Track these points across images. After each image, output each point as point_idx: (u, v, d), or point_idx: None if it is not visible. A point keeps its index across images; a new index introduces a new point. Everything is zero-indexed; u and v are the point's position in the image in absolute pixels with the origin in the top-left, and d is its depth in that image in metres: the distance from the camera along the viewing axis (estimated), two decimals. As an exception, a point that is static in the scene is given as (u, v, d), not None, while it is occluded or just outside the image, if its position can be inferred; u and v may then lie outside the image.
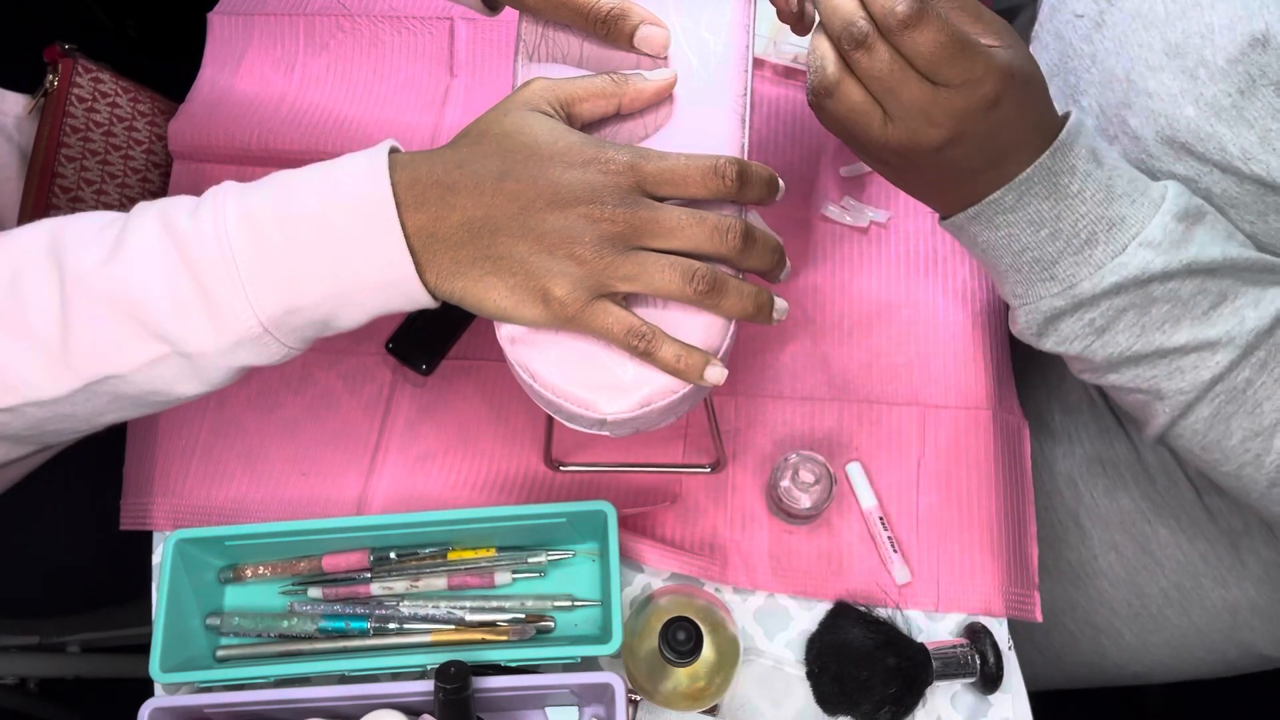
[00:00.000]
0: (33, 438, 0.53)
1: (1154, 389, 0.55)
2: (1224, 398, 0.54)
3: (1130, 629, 0.79)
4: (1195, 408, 0.55)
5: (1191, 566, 0.75)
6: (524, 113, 0.50)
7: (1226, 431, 0.55)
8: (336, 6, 0.86)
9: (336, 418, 0.73)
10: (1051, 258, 0.52)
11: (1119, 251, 0.51)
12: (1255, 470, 0.56)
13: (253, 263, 0.47)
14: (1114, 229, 0.51)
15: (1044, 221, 0.51)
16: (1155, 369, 0.54)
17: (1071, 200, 0.51)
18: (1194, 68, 0.55)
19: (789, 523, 0.69)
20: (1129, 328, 0.53)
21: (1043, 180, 0.50)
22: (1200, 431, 0.56)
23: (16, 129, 0.79)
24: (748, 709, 0.65)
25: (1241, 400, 0.54)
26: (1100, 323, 0.53)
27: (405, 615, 0.66)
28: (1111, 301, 0.52)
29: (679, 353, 0.49)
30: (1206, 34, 0.54)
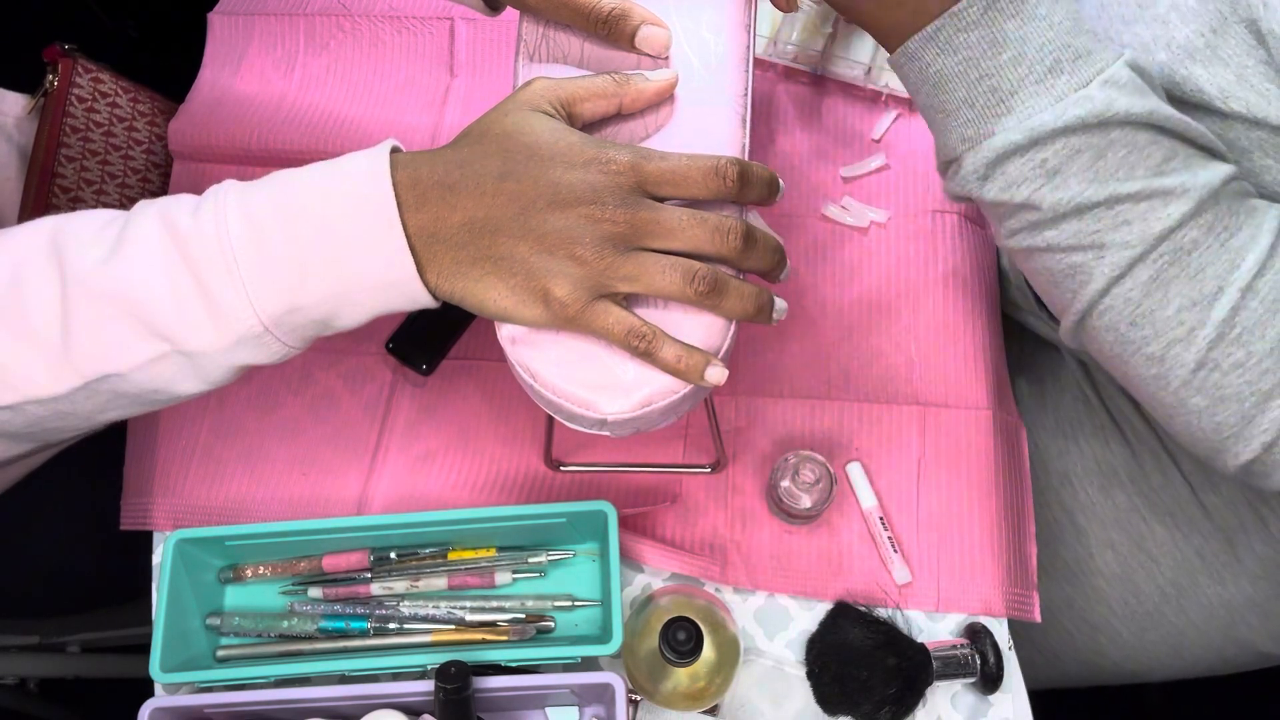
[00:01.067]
0: (32, 436, 0.53)
1: (1097, 242, 0.51)
2: (1168, 258, 0.50)
3: (1127, 627, 0.79)
4: (1136, 267, 0.51)
5: (1188, 564, 0.75)
6: (525, 113, 0.50)
7: (1164, 299, 0.51)
8: (336, 6, 0.86)
9: (337, 418, 0.73)
10: (1011, 86, 0.49)
11: (1083, 84, 0.48)
12: (1184, 349, 0.52)
13: (253, 262, 0.47)
14: (1079, 60, 0.49)
15: (1007, 43, 0.49)
16: (1101, 220, 0.50)
17: (1038, 22, 0.48)
18: (1165, 13, 0.54)
19: (789, 523, 0.69)
20: (1082, 171, 0.50)
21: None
22: (1134, 300, 0.52)
23: (16, 129, 0.79)
24: (748, 709, 0.65)
25: (1185, 263, 0.50)
26: (1053, 163, 0.50)
27: (405, 615, 0.66)
28: (1068, 140, 0.49)
29: (679, 353, 0.49)
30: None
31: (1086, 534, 0.78)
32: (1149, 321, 0.52)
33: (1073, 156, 0.49)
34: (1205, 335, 0.51)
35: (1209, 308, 0.50)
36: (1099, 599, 0.79)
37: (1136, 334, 0.53)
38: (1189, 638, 0.78)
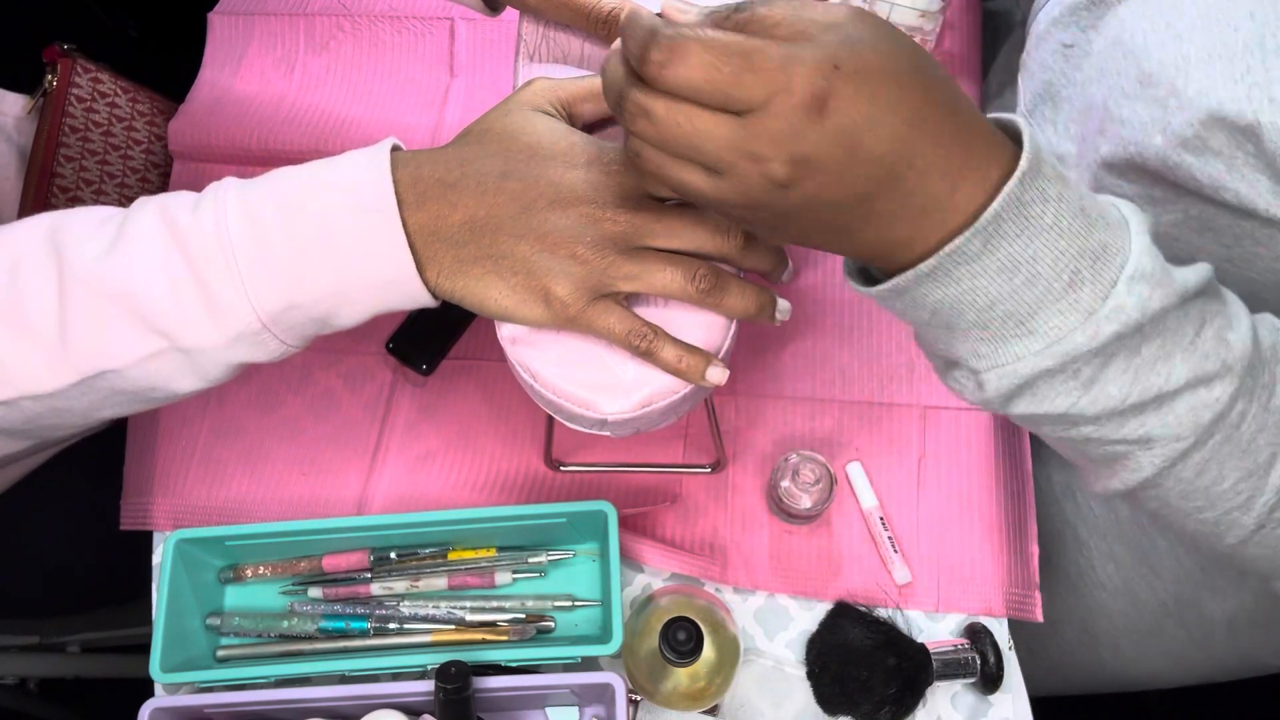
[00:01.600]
0: (29, 433, 0.53)
1: (1144, 438, 0.46)
2: (1220, 438, 0.46)
3: (1129, 639, 0.79)
4: (1189, 454, 0.46)
5: (1190, 577, 0.74)
6: (526, 112, 0.50)
7: (1219, 476, 0.47)
8: (336, 6, 0.86)
9: (337, 417, 0.73)
10: (1029, 308, 0.42)
11: (1109, 289, 0.42)
12: (1243, 514, 0.49)
13: (253, 259, 0.47)
14: (1099, 261, 0.42)
15: (1018, 266, 0.41)
16: (1144, 416, 0.45)
17: (1047, 234, 0.41)
18: (1165, 97, 0.51)
19: (789, 523, 0.69)
20: (1120, 374, 0.44)
21: (1013, 215, 0.40)
22: (1188, 480, 0.47)
23: (16, 129, 0.79)
24: (748, 709, 0.65)
25: (1237, 439, 0.46)
26: (1088, 374, 0.44)
27: (405, 615, 0.65)
28: (1104, 349, 0.43)
29: (680, 353, 0.49)
30: (1181, 64, 0.51)
31: (1088, 546, 0.77)
32: (1203, 495, 0.48)
33: (1108, 362, 0.43)
34: (1266, 500, 0.48)
35: (1266, 475, 0.47)
36: (1101, 611, 0.78)
37: (1189, 505, 0.49)
38: (1190, 650, 0.78)
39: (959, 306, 0.43)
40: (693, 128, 0.38)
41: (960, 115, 0.40)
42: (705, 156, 0.39)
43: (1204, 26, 0.51)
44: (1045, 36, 0.63)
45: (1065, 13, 0.60)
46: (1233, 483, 0.47)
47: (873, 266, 0.45)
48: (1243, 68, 0.48)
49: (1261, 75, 0.48)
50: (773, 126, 0.38)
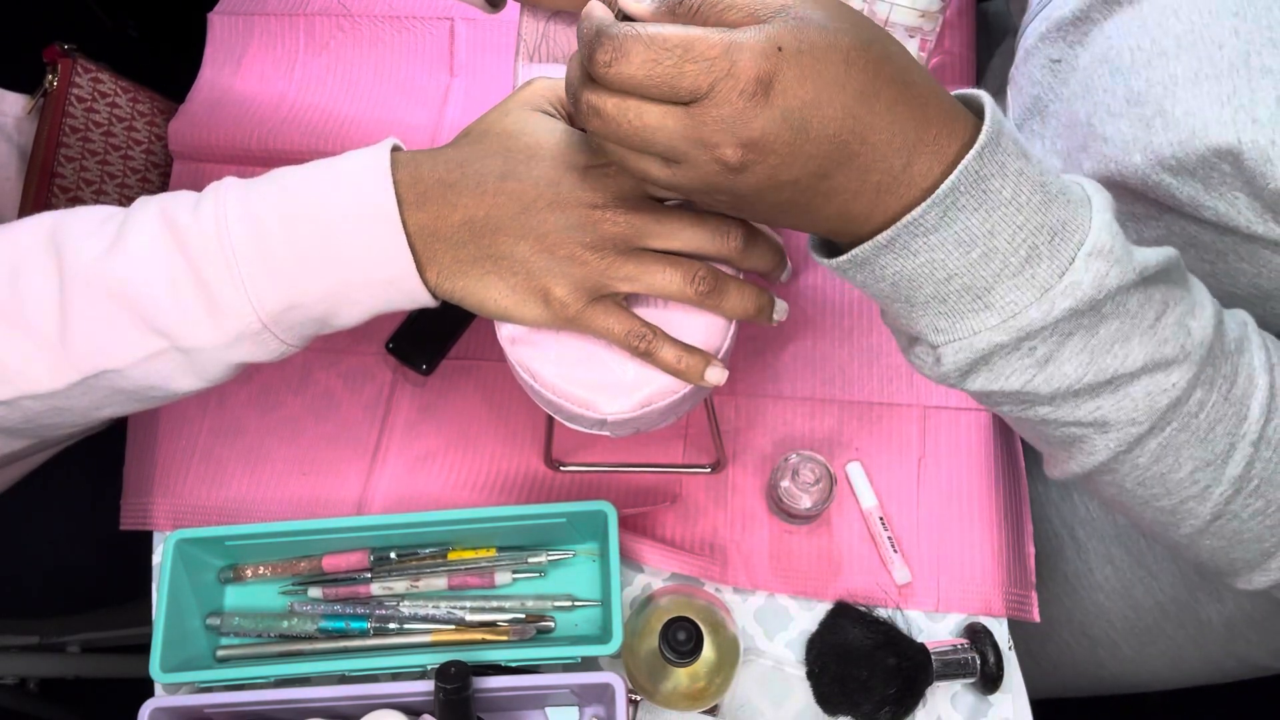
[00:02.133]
0: (29, 431, 0.53)
1: (1099, 421, 0.46)
2: (1176, 425, 0.46)
3: (1127, 641, 0.79)
4: (1144, 440, 0.46)
5: (1187, 580, 0.74)
6: (525, 112, 0.50)
7: (1175, 463, 0.47)
8: (336, 6, 0.86)
9: (337, 418, 0.73)
10: (986, 283, 0.42)
11: (1066, 265, 0.41)
12: (1198, 504, 0.49)
13: (253, 258, 0.47)
14: (1057, 238, 0.41)
15: (975, 239, 0.41)
16: (1101, 398, 0.45)
17: (1005, 209, 0.41)
18: (1151, 117, 0.51)
19: (789, 523, 0.69)
20: (1076, 354, 0.44)
21: (970, 188, 0.40)
22: (1144, 466, 0.47)
23: (16, 129, 0.79)
24: (748, 709, 0.65)
25: (1194, 426, 0.46)
26: (1044, 352, 0.43)
27: (405, 615, 0.65)
28: (1059, 327, 0.43)
29: (680, 353, 0.49)
30: (1169, 84, 0.51)
31: (1086, 548, 0.77)
32: (1159, 483, 0.48)
33: (1064, 340, 0.43)
34: (1221, 491, 0.48)
35: (1223, 466, 0.47)
36: (1099, 613, 0.78)
37: (1145, 492, 0.49)
38: (1188, 652, 0.78)
39: (917, 279, 0.43)
40: (642, 123, 0.40)
41: (914, 89, 0.40)
42: (658, 149, 0.40)
43: (1190, 45, 0.51)
44: (1034, 51, 0.63)
45: (1052, 28, 0.60)
46: (1189, 471, 0.47)
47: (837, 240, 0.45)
48: (1229, 88, 0.48)
49: (1247, 97, 0.48)
50: (719, 113, 0.38)
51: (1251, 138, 0.47)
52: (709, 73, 0.38)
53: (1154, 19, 0.53)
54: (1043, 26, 0.61)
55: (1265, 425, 0.47)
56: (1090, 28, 0.57)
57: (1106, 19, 0.56)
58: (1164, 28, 0.52)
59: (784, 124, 0.38)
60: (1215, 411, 0.46)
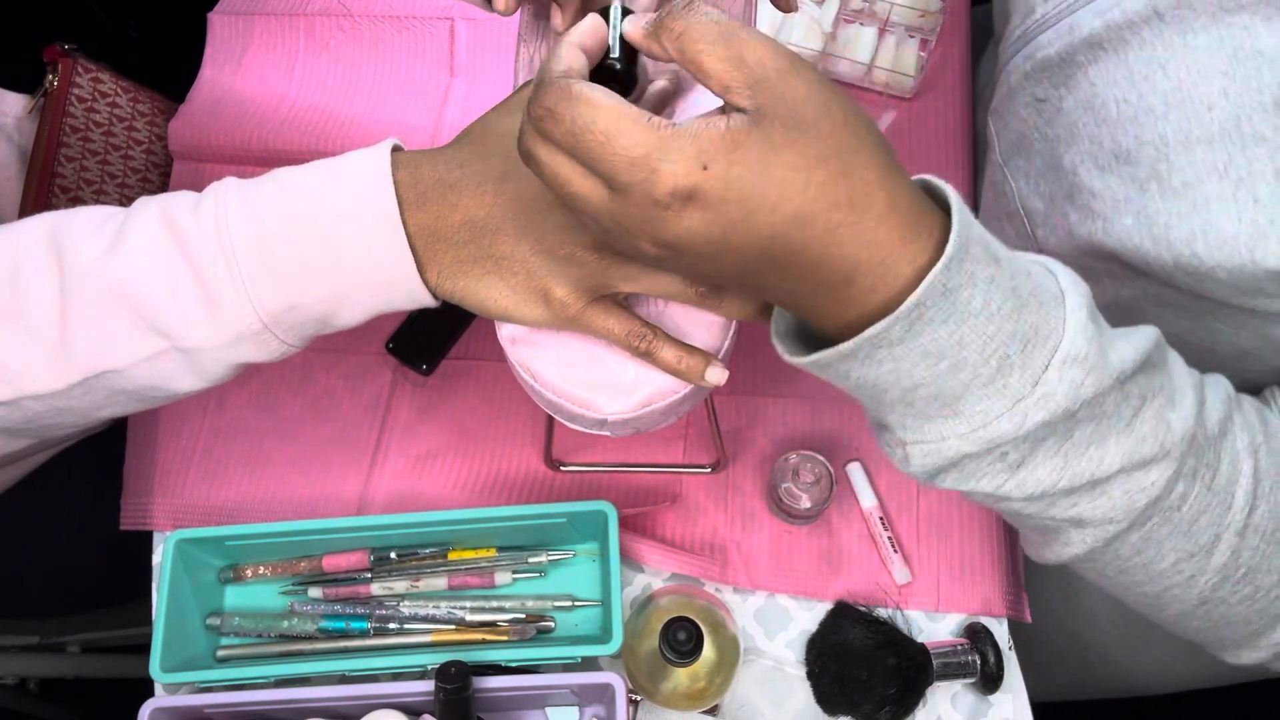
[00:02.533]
0: (30, 431, 0.53)
1: (1074, 519, 0.44)
2: (1157, 520, 0.44)
3: (1119, 647, 0.78)
4: (1124, 536, 0.45)
5: None
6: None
7: (1158, 555, 0.46)
8: (336, 6, 0.86)
9: (337, 418, 0.73)
10: (955, 393, 0.40)
11: (1039, 374, 0.39)
12: (1184, 591, 0.47)
13: (253, 259, 0.47)
14: (1029, 345, 0.39)
15: (943, 351, 0.38)
16: (1077, 498, 0.43)
17: (975, 319, 0.38)
18: (1145, 180, 0.50)
19: (789, 523, 0.69)
20: (1050, 458, 0.42)
21: (938, 301, 0.37)
22: (1125, 557, 0.46)
23: (16, 129, 0.79)
24: (748, 709, 0.65)
25: (1176, 520, 0.45)
26: (1015, 458, 0.42)
27: (405, 615, 0.65)
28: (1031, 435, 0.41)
29: (680, 353, 0.49)
30: (1160, 145, 0.50)
31: None
32: (1142, 571, 0.47)
33: (1037, 446, 0.41)
34: (1208, 580, 0.47)
35: (1208, 556, 0.46)
36: (1090, 619, 0.78)
37: (1128, 579, 0.48)
38: (1179, 658, 0.77)
39: (882, 385, 0.41)
40: (570, 189, 0.38)
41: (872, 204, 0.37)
42: (582, 215, 0.39)
43: (1178, 104, 0.50)
44: (1018, 89, 0.62)
45: (1036, 68, 0.60)
46: (1172, 562, 0.46)
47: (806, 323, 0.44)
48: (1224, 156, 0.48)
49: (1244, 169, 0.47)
50: (635, 212, 0.37)
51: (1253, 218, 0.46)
52: (627, 170, 0.36)
53: (1141, 72, 0.52)
54: (1026, 65, 0.61)
55: (1250, 514, 0.45)
56: (1075, 71, 0.57)
57: (1091, 64, 0.55)
58: (1151, 83, 0.51)
59: (700, 237, 0.37)
60: (1199, 503, 0.44)
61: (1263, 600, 0.47)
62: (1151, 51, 0.51)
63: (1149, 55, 0.51)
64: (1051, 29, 0.58)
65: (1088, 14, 0.55)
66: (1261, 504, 0.46)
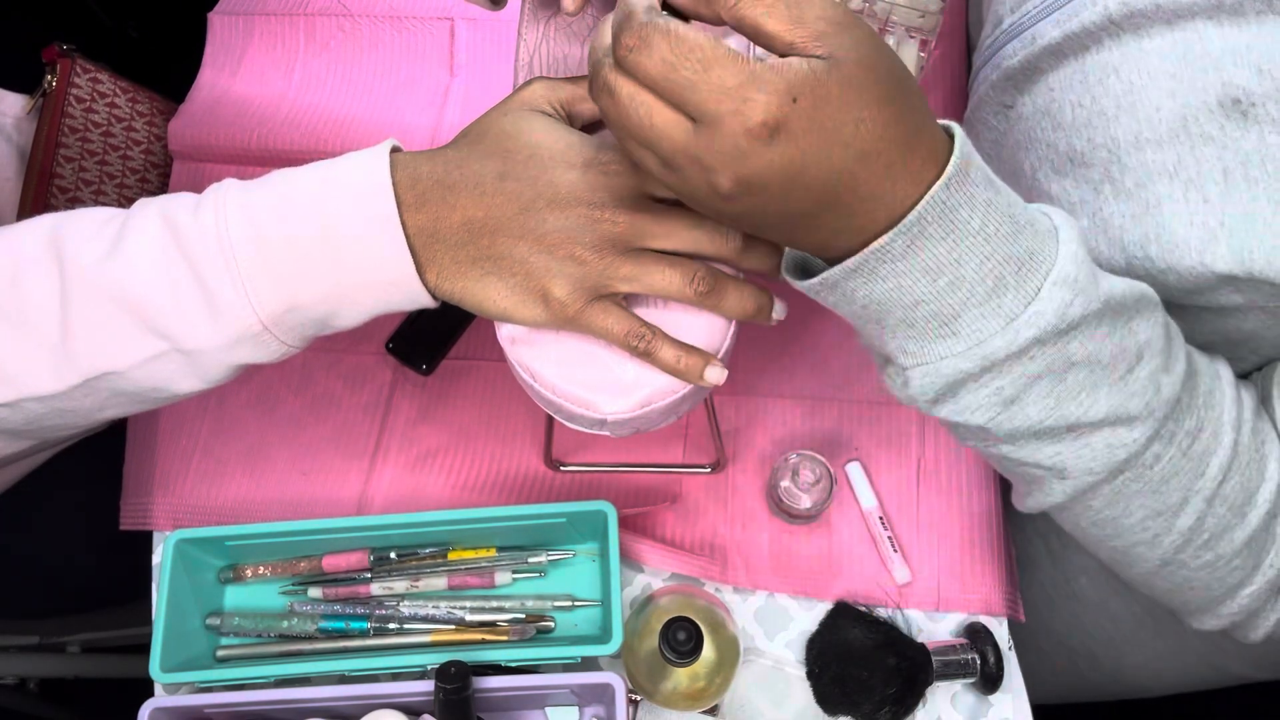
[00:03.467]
0: (31, 433, 0.53)
1: (1057, 465, 0.47)
2: (1130, 475, 0.47)
3: (1105, 651, 0.78)
4: (1098, 487, 0.47)
5: None
6: (524, 113, 0.50)
7: (1126, 510, 0.48)
8: (336, 7, 0.86)
9: (337, 418, 0.73)
10: (953, 310, 0.42)
11: (1032, 296, 0.42)
12: (1149, 549, 0.50)
13: (253, 260, 0.47)
14: (1023, 268, 0.42)
15: (942, 268, 0.41)
16: (1061, 443, 0.46)
17: (973, 239, 0.41)
18: (1099, 181, 0.51)
19: (789, 523, 0.69)
20: (1041, 398, 0.44)
21: (938, 218, 0.40)
22: (1096, 508, 0.49)
23: (15, 129, 0.79)
24: (748, 709, 0.65)
25: (1148, 478, 0.47)
26: (1010, 391, 0.44)
27: (405, 615, 0.65)
28: (1025, 364, 0.43)
29: (679, 353, 0.49)
30: (1112, 148, 0.51)
31: (1062, 559, 0.77)
32: (1111, 525, 0.50)
33: (1031, 383, 0.44)
34: (1171, 541, 0.49)
35: (1174, 517, 0.48)
36: (1076, 624, 0.78)
37: (1099, 532, 0.51)
38: (1166, 662, 0.77)
39: (885, 304, 0.43)
40: (650, 122, 0.39)
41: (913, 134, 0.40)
42: (658, 152, 0.40)
43: (1129, 106, 0.50)
44: (987, 98, 0.63)
45: (1003, 77, 0.60)
46: (1139, 519, 0.49)
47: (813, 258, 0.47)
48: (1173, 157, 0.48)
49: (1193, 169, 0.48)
50: (721, 144, 0.38)
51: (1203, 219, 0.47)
52: (720, 100, 0.37)
53: (1095, 76, 0.53)
54: (994, 74, 0.61)
55: (1222, 484, 0.47)
56: (1037, 78, 0.57)
57: (1051, 71, 0.56)
58: (1104, 86, 0.52)
59: (780, 170, 0.38)
60: (1171, 465, 0.47)
61: (1223, 569, 0.50)
62: (1107, 56, 0.52)
63: (1104, 59, 0.52)
64: (1017, 39, 0.58)
65: (1048, 24, 0.55)
66: (1235, 477, 0.48)
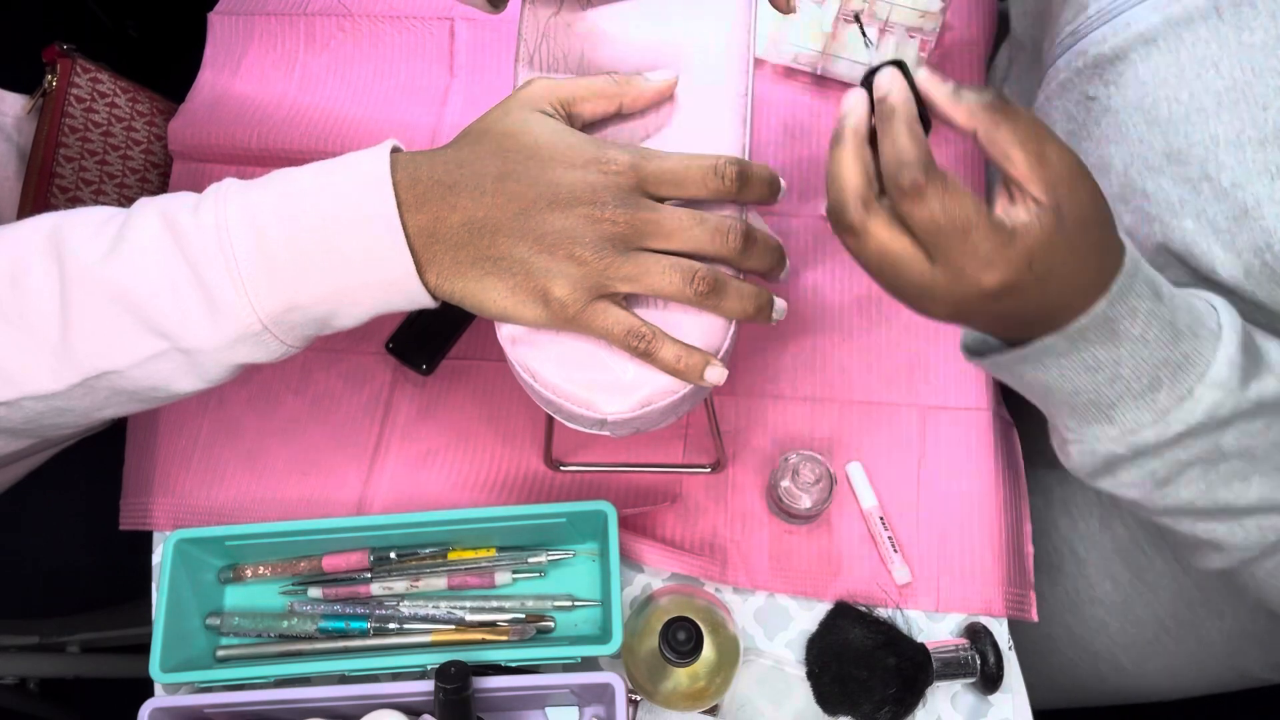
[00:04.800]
0: (30, 431, 0.53)
1: (1212, 541, 0.51)
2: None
3: (1128, 655, 0.78)
4: (1260, 561, 0.51)
5: (1187, 595, 0.74)
6: (525, 113, 0.50)
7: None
8: (336, 6, 0.86)
9: (336, 418, 0.73)
10: (1110, 401, 0.47)
11: (1185, 395, 0.46)
12: None
13: (253, 260, 0.47)
14: (1179, 371, 0.46)
15: (1101, 366, 0.46)
16: (1215, 523, 0.50)
17: (1133, 344, 0.46)
18: (1198, 180, 0.52)
19: (789, 523, 0.69)
20: (1194, 482, 0.48)
21: (1099, 328, 0.45)
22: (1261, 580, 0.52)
23: (15, 129, 0.79)
24: (748, 709, 0.65)
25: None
26: (1163, 474, 0.48)
27: (405, 615, 0.65)
28: (1176, 454, 0.48)
29: (679, 353, 0.49)
30: (1210, 145, 0.51)
31: (1086, 563, 0.77)
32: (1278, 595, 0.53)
33: (1183, 469, 0.48)
34: None
35: None
36: (1100, 628, 0.78)
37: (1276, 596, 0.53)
38: (1188, 666, 0.77)
39: (1049, 388, 0.48)
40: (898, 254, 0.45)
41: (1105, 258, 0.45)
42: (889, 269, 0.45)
43: (1231, 104, 0.50)
44: (1067, 85, 0.62)
45: (1089, 64, 0.59)
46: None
47: None
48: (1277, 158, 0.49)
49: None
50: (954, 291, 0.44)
51: None
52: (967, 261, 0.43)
53: (1192, 71, 0.52)
54: (1078, 61, 0.60)
55: None
56: (1125, 69, 0.57)
57: (1142, 61, 0.55)
58: (1203, 81, 0.52)
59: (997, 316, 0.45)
60: None
61: None
62: (1205, 50, 0.52)
63: (1202, 54, 0.52)
64: (1107, 25, 0.58)
65: (1145, 9, 0.55)
66: None
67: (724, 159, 0.49)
